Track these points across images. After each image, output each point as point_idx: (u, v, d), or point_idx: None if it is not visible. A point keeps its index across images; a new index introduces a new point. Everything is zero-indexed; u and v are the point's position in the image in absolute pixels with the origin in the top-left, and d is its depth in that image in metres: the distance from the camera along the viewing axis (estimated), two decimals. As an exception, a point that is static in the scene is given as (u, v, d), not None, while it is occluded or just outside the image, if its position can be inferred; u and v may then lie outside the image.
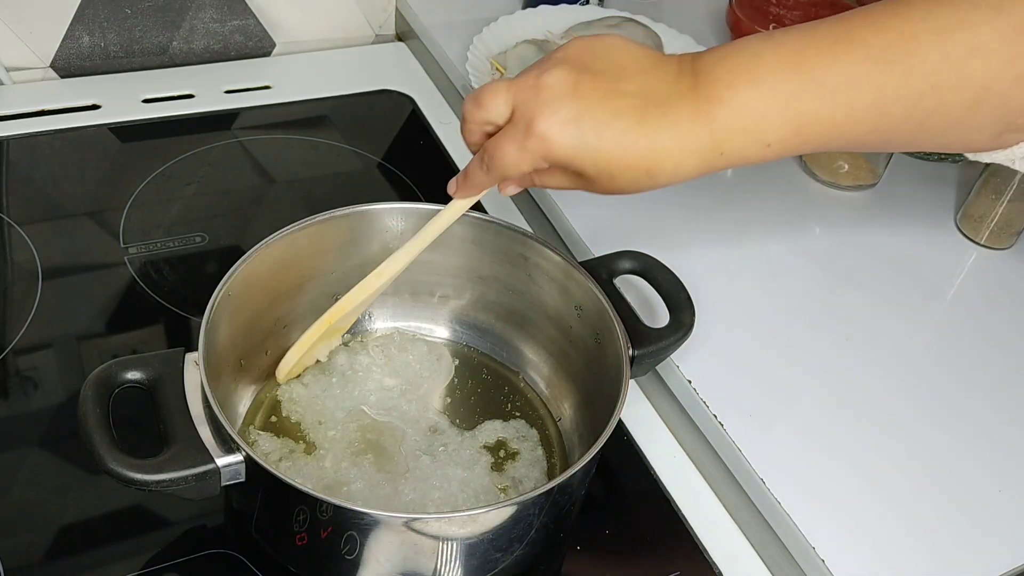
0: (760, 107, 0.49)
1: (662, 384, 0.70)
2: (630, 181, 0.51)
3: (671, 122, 0.49)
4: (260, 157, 0.88)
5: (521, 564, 0.56)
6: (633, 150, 0.49)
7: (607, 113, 0.49)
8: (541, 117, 0.50)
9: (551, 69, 0.50)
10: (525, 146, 0.50)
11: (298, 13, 1.01)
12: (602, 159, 0.50)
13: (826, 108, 0.49)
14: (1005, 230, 0.82)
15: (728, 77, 0.50)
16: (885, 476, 0.63)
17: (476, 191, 0.57)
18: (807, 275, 0.78)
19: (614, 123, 0.49)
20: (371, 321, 0.70)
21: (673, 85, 0.50)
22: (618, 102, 0.49)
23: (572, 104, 0.49)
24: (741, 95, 0.49)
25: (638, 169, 0.50)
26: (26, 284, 0.72)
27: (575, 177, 0.52)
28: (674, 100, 0.50)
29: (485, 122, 0.53)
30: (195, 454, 0.50)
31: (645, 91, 0.50)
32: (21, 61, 0.91)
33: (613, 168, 0.50)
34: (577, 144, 0.49)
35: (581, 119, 0.49)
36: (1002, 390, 0.70)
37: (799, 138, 0.50)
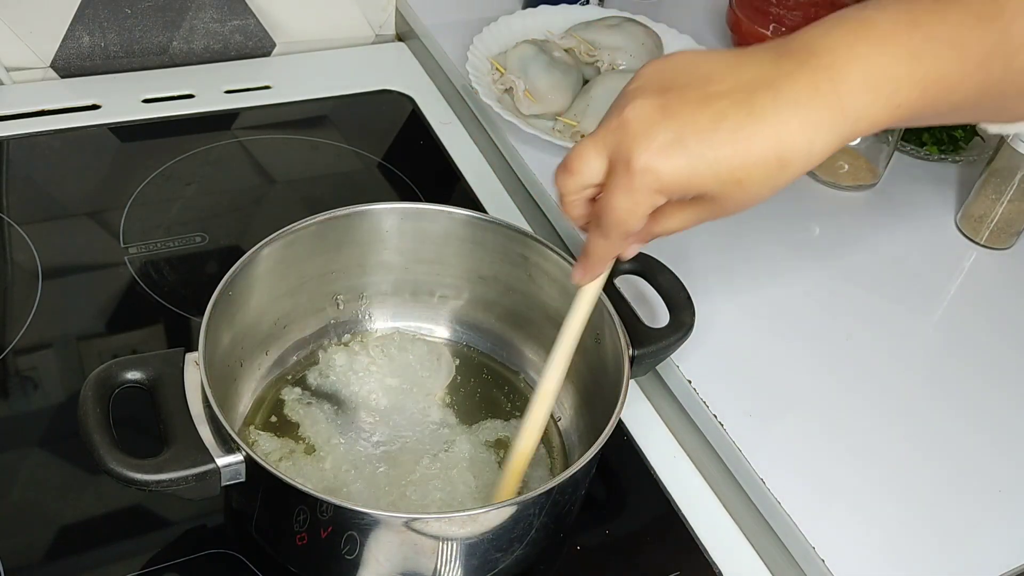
0: (887, 66, 0.46)
1: (662, 384, 0.70)
2: (762, 180, 0.46)
3: (788, 102, 0.45)
4: (260, 157, 0.88)
5: (521, 564, 0.56)
6: (754, 145, 0.45)
7: (709, 120, 0.45)
8: (638, 150, 0.45)
9: (630, 102, 0.46)
10: (633, 187, 0.46)
11: (298, 13, 1.01)
12: (723, 168, 0.45)
13: (945, 64, 0.47)
14: (1005, 230, 0.82)
15: (845, 43, 0.46)
16: (885, 476, 0.63)
17: (602, 266, 0.52)
18: (807, 275, 0.78)
19: (721, 126, 0.45)
20: (371, 321, 0.70)
21: (774, 68, 0.46)
22: (717, 105, 0.45)
23: (667, 125, 0.45)
24: (866, 57, 0.45)
25: (767, 164, 0.45)
26: (26, 284, 0.72)
27: (699, 205, 0.48)
28: (784, 80, 0.45)
29: (583, 187, 0.49)
30: (195, 454, 0.50)
31: (745, 84, 0.46)
32: (21, 61, 0.91)
33: (738, 173, 0.45)
34: (688, 163, 0.45)
35: (683, 136, 0.45)
36: (1002, 390, 0.70)
37: (923, 98, 0.47)
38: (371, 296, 0.69)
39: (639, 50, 0.91)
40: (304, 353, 0.67)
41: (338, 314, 0.68)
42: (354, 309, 0.69)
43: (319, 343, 0.68)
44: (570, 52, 0.91)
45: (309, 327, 0.67)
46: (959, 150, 0.92)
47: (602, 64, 0.91)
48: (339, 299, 0.68)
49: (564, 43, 0.91)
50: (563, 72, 0.87)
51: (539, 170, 0.83)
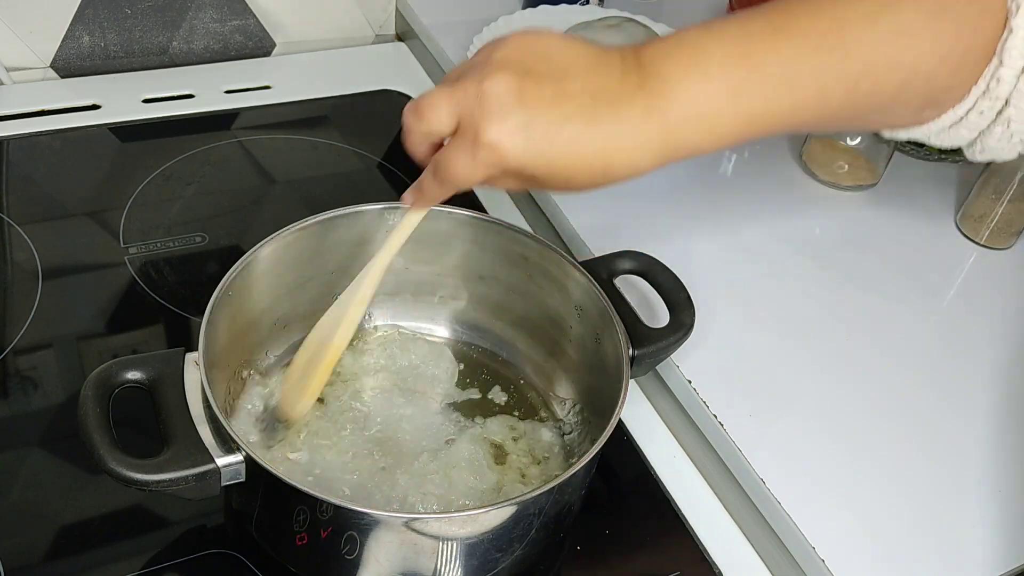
0: (711, 101, 0.49)
1: (662, 384, 0.70)
2: (586, 181, 0.50)
3: (623, 120, 0.49)
4: (260, 157, 0.88)
5: (521, 564, 0.56)
6: (586, 151, 0.49)
7: (557, 117, 0.48)
8: (490, 127, 0.48)
9: (492, 75, 0.49)
10: (476, 157, 0.49)
11: (298, 13, 1.01)
12: (556, 164, 0.49)
13: (774, 98, 0.50)
14: (1005, 230, 0.82)
15: (678, 72, 0.49)
16: (885, 476, 0.63)
17: (432, 202, 0.56)
18: (807, 275, 0.78)
19: (565, 127, 0.48)
20: (372, 321, 0.70)
21: (620, 83, 0.49)
22: (566, 105, 0.48)
23: (519, 111, 0.48)
24: (691, 89, 0.49)
25: (593, 169, 0.50)
26: (26, 284, 0.72)
27: (527, 179, 0.51)
28: (624, 98, 0.49)
29: (429, 134, 0.52)
30: (195, 454, 0.50)
31: (592, 91, 0.49)
32: (21, 61, 0.91)
33: (568, 171, 0.49)
34: (528, 151, 0.48)
35: (530, 126, 0.48)
36: (1002, 390, 0.70)
37: (749, 128, 0.50)
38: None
39: (639, 50, 0.91)
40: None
41: (338, 314, 0.68)
42: (354, 309, 0.69)
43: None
44: (570, 52, 0.90)
45: (309, 327, 0.67)
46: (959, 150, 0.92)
47: (602, 64, 0.90)
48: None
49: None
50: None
51: (539, 170, 0.83)
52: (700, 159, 0.51)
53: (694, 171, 0.85)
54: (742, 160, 0.89)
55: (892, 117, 0.55)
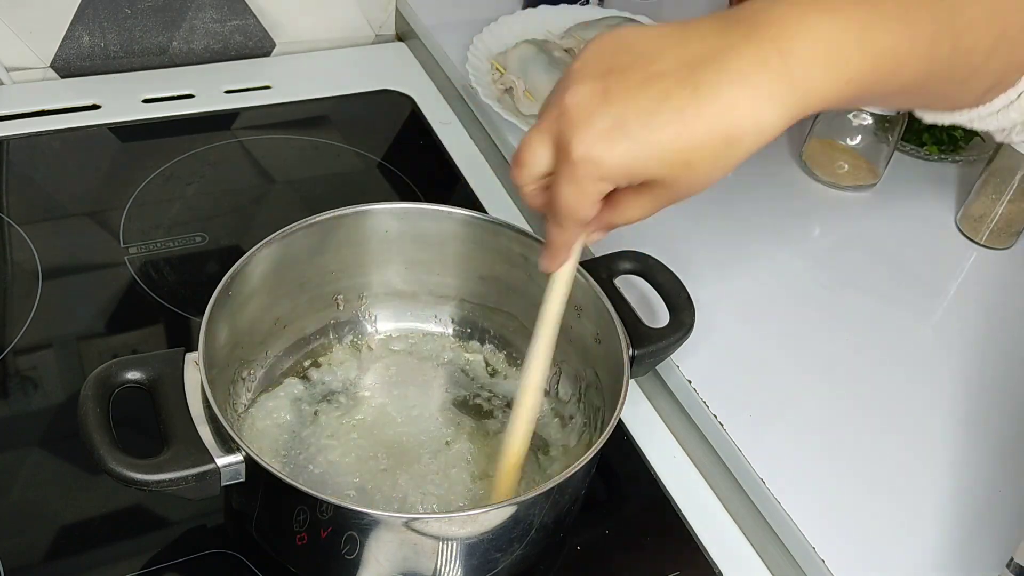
0: (838, 37, 0.44)
1: (662, 384, 0.70)
2: (711, 160, 0.44)
3: (734, 75, 0.43)
4: (260, 157, 0.88)
5: (521, 564, 0.56)
6: (700, 125, 0.43)
7: (650, 101, 0.43)
8: (577, 139, 0.43)
9: (571, 87, 0.44)
10: (576, 177, 0.44)
11: (298, 13, 1.01)
12: (668, 152, 0.43)
13: (895, 39, 0.46)
14: (1005, 230, 0.82)
15: (796, 10, 0.44)
16: (885, 476, 0.63)
17: (564, 253, 0.51)
18: (807, 275, 0.78)
19: (663, 108, 0.42)
20: (372, 321, 0.70)
21: (719, 40, 0.44)
22: (659, 85, 0.43)
23: (605, 111, 0.43)
24: (817, 25, 0.43)
25: (714, 142, 0.43)
26: (26, 284, 0.72)
27: (652, 190, 0.46)
28: (730, 53, 0.43)
29: (536, 178, 0.47)
30: (195, 454, 0.50)
31: (688, 60, 0.43)
32: (21, 61, 0.91)
33: (685, 155, 0.43)
34: (630, 149, 0.43)
35: (624, 121, 0.43)
36: (1002, 390, 0.70)
37: (874, 73, 0.46)
38: (371, 296, 0.69)
39: (639, 50, 0.91)
40: (304, 353, 0.67)
41: (338, 314, 0.68)
42: (354, 309, 0.69)
43: (319, 343, 0.68)
44: (570, 52, 0.91)
45: (309, 327, 0.67)
46: (959, 150, 0.92)
47: (602, 64, 0.90)
48: (339, 299, 0.68)
49: (564, 43, 0.91)
50: (563, 72, 0.87)
51: (539, 170, 0.83)
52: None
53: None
54: (742, 160, 0.89)
55: (967, 92, 0.51)
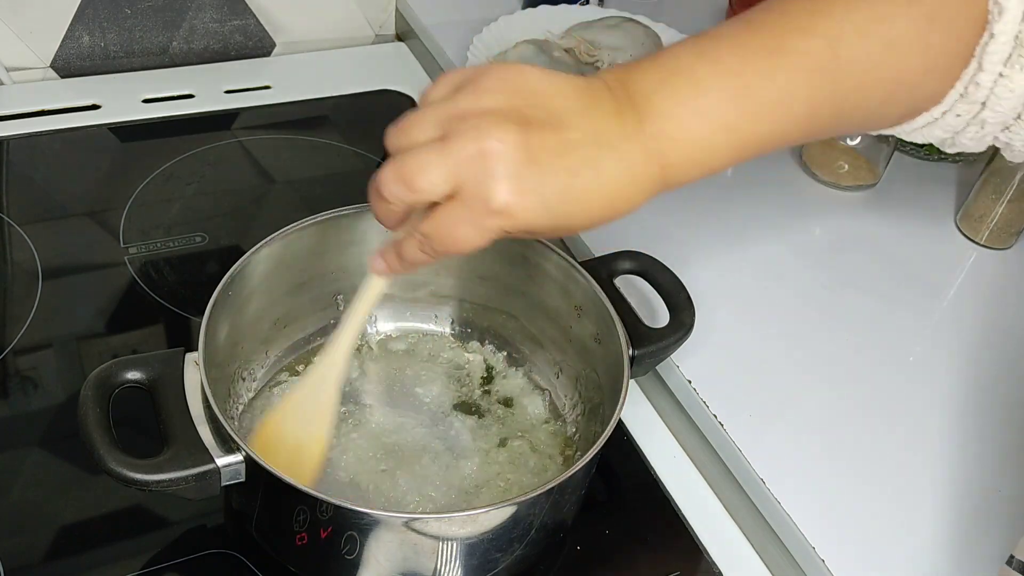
0: (709, 140, 0.49)
1: (662, 384, 0.70)
2: (586, 226, 0.49)
3: (625, 167, 0.48)
4: (260, 157, 0.88)
5: (521, 564, 0.56)
6: (595, 202, 0.48)
7: (566, 173, 0.46)
8: (499, 189, 0.45)
9: (491, 130, 0.45)
10: (484, 224, 0.46)
11: (298, 13, 1.01)
12: (564, 217, 0.47)
13: (769, 127, 0.50)
14: (1005, 230, 0.82)
15: (676, 112, 0.48)
16: (885, 476, 0.63)
17: (413, 270, 0.52)
18: (807, 275, 0.78)
19: (575, 182, 0.46)
20: (372, 321, 0.70)
21: (618, 124, 0.48)
22: (573, 157, 0.46)
23: (528, 170, 0.45)
24: (690, 132, 0.48)
25: (597, 213, 0.48)
26: (26, 284, 0.72)
27: (526, 235, 0.49)
28: (624, 142, 0.48)
29: (416, 204, 0.48)
30: (195, 454, 0.50)
31: (594, 137, 0.47)
32: (21, 61, 0.91)
33: (572, 220, 0.48)
34: (542, 212, 0.46)
35: (543, 186, 0.46)
36: (1002, 390, 0.70)
37: (739, 156, 0.50)
38: (371, 296, 0.69)
39: (639, 50, 0.91)
40: (304, 353, 0.67)
41: (338, 314, 0.68)
42: (354, 309, 0.69)
43: (319, 343, 0.68)
44: (570, 52, 0.90)
45: (309, 327, 0.67)
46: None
47: (602, 64, 0.90)
48: (339, 299, 0.68)
49: (564, 43, 0.91)
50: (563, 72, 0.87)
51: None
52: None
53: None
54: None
55: (873, 125, 0.55)
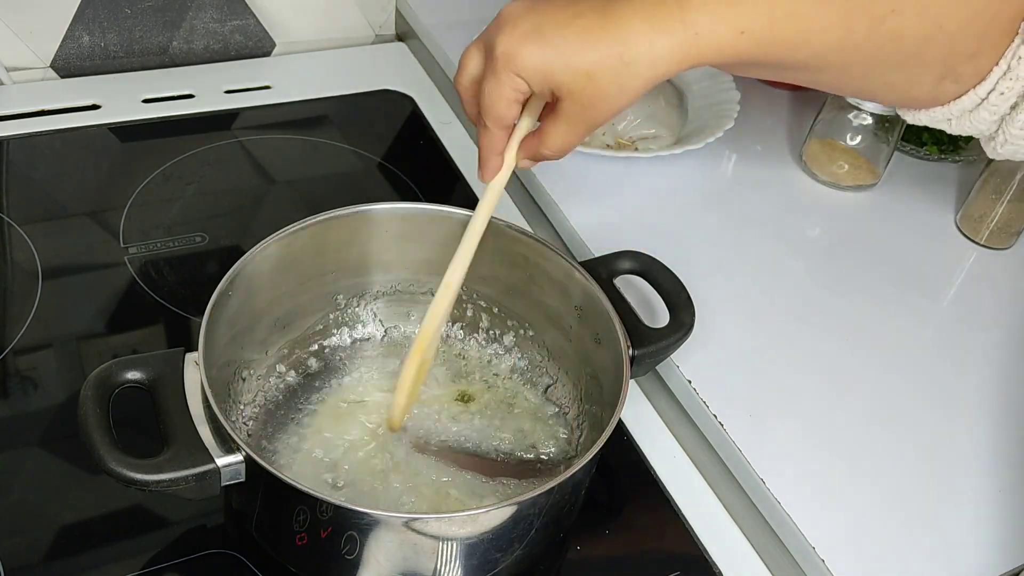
0: (741, 8, 0.49)
1: (662, 384, 0.70)
2: (610, 76, 0.49)
3: (636, 6, 0.49)
4: (260, 157, 0.88)
5: (521, 564, 0.56)
6: (601, 41, 0.49)
7: (567, 16, 0.49)
8: (501, 38, 0.50)
9: (508, 4, 0.52)
10: (496, 71, 0.50)
11: (298, 13, 1.01)
12: (572, 59, 0.49)
13: (798, 2, 0.49)
14: (1005, 230, 0.82)
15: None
16: (885, 476, 0.63)
17: (494, 158, 0.56)
18: (807, 275, 0.78)
19: (575, 22, 0.49)
20: (372, 321, 0.70)
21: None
22: (577, 6, 0.50)
23: (529, 18, 0.50)
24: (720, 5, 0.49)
25: (612, 59, 0.49)
26: (26, 284, 0.72)
27: (563, 109, 0.51)
28: (645, 2, 0.49)
29: (471, 83, 0.54)
30: (195, 454, 0.50)
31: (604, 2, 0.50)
32: (21, 61, 0.91)
33: (586, 64, 0.49)
34: (541, 49, 0.49)
35: (541, 27, 0.49)
36: (1002, 390, 0.70)
37: (771, 32, 0.49)
38: (371, 296, 0.69)
39: (639, 50, 0.91)
40: (304, 352, 0.67)
41: (338, 314, 0.68)
42: (354, 309, 0.69)
43: (319, 343, 0.68)
44: (570, 52, 0.90)
45: (309, 327, 0.67)
46: (959, 150, 0.92)
47: (602, 64, 0.90)
48: (339, 299, 0.68)
49: None
50: None
51: (538, 170, 0.83)
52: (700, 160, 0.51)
53: (694, 171, 0.85)
54: (742, 160, 0.89)
55: (912, 81, 0.54)
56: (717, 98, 0.91)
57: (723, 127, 0.85)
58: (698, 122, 0.89)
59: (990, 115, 0.54)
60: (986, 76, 0.52)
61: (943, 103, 0.55)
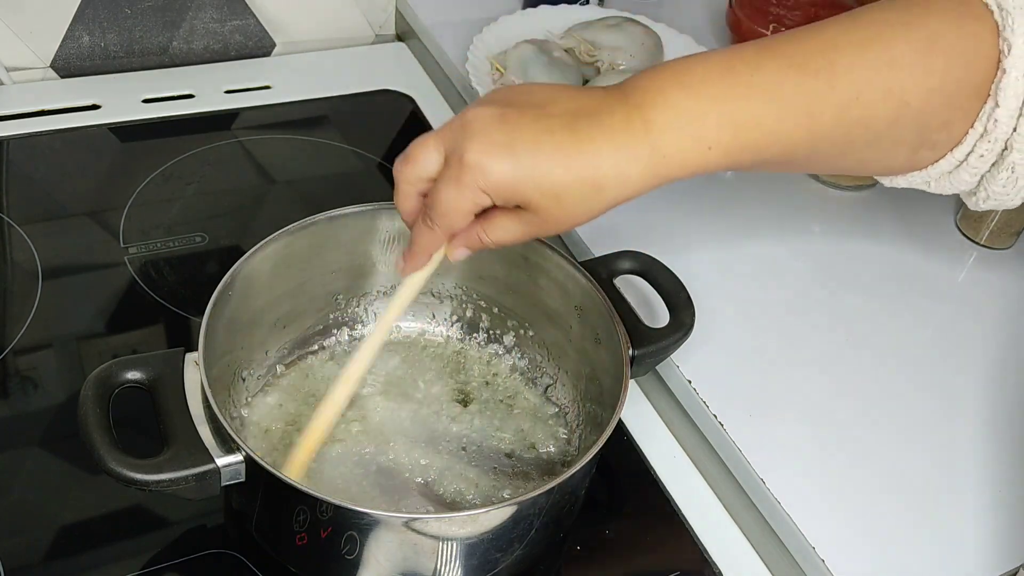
0: (693, 108, 0.49)
1: (662, 384, 0.70)
2: (579, 200, 0.49)
3: (605, 129, 0.49)
4: (260, 157, 0.88)
5: (521, 564, 0.56)
6: (573, 163, 0.48)
7: (538, 132, 0.48)
8: (471, 146, 0.48)
9: (474, 108, 0.50)
10: (461, 181, 0.48)
11: (298, 13, 1.01)
12: (543, 180, 0.48)
13: (759, 109, 0.50)
14: (1005, 230, 0.82)
15: (658, 84, 0.50)
16: (885, 476, 0.63)
17: (426, 256, 0.54)
18: (807, 275, 0.78)
19: (547, 140, 0.48)
20: (372, 321, 0.70)
21: (601, 102, 0.50)
22: (547, 122, 0.49)
23: (500, 129, 0.48)
24: (672, 97, 0.49)
25: (583, 183, 0.49)
26: (26, 284, 0.72)
27: (523, 217, 0.50)
28: (604, 110, 0.49)
29: (418, 179, 0.51)
30: (195, 454, 0.50)
31: (573, 109, 0.49)
32: (21, 61, 0.91)
33: (557, 188, 0.48)
34: (513, 167, 0.48)
35: (513, 142, 0.48)
36: (1002, 390, 0.70)
37: (737, 141, 0.50)
38: (371, 296, 0.69)
39: (639, 50, 0.91)
40: (304, 352, 0.67)
41: (338, 314, 0.68)
42: (354, 309, 0.69)
43: (319, 342, 0.68)
44: (570, 52, 0.91)
45: (309, 327, 0.67)
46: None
47: (602, 64, 0.90)
48: (339, 299, 0.68)
49: (564, 43, 0.91)
50: (563, 72, 0.87)
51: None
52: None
53: (694, 171, 0.85)
54: (742, 160, 0.89)
55: (887, 155, 0.55)
56: (717, 98, 0.91)
57: (723, 127, 0.85)
58: (698, 122, 0.89)
59: (970, 176, 0.54)
60: (962, 140, 0.52)
61: (921, 168, 0.55)
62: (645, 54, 0.91)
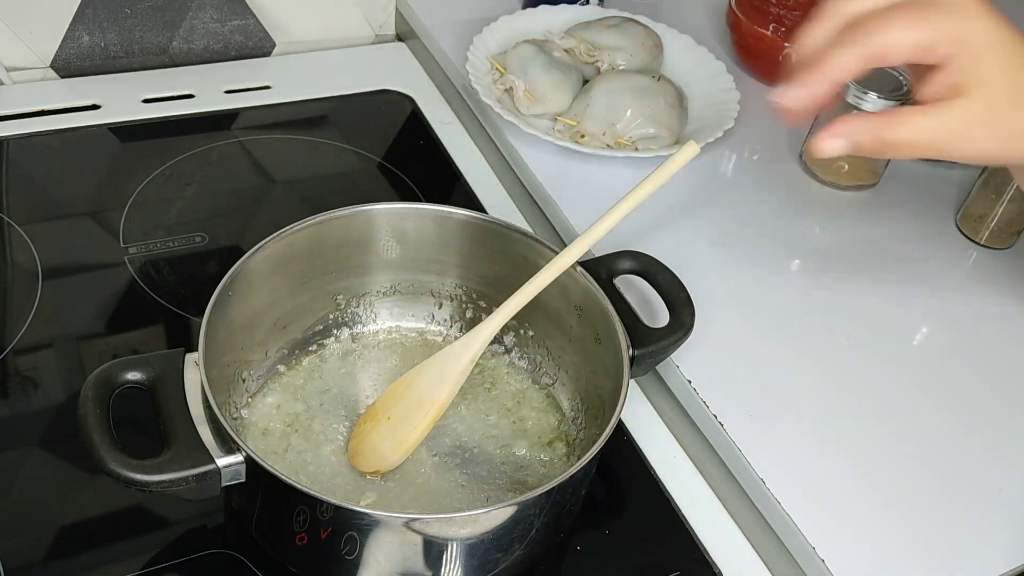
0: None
1: (662, 384, 0.70)
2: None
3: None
4: (260, 157, 0.88)
5: (521, 564, 0.56)
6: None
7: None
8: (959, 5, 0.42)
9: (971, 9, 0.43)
10: (928, 18, 0.41)
11: (298, 13, 1.01)
12: (1008, 72, 0.42)
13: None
14: (1005, 230, 0.82)
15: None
16: (886, 476, 0.63)
17: (824, 81, 0.45)
18: (807, 275, 0.78)
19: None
20: (371, 321, 0.70)
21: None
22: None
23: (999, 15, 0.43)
24: None
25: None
26: (26, 284, 0.72)
27: (944, 110, 0.44)
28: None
29: (851, 14, 0.43)
30: (195, 454, 0.50)
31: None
32: (21, 61, 0.91)
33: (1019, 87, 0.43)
34: (998, 28, 0.42)
35: (1009, 26, 0.43)
36: (1002, 390, 0.70)
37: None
38: (371, 296, 0.69)
39: (639, 50, 0.91)
40: (304, 352, 0.67)
41: (338, 314, 0.68)
42: (354, 309, 0.69)
43: (319, 342, 0.68)
44: (570, 52, 0.91)
45: (309, 327, 0.67)
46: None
47: (602, 64, 0.91)
48: (339, 299, 0.68)
49: (564, 43, 0.91)
50: (563, 72, 0.87)
51: (539, 170, 0.83)
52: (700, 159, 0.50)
53: (694, 171, 0.85)
54: (742, 160, 0.89)
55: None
56: (717, 98, 0.91)
57: (723, 127, 0.85)
58: (698, 122, 0.89)
59: None
60: None
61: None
62: (645, 54, 0.91)
